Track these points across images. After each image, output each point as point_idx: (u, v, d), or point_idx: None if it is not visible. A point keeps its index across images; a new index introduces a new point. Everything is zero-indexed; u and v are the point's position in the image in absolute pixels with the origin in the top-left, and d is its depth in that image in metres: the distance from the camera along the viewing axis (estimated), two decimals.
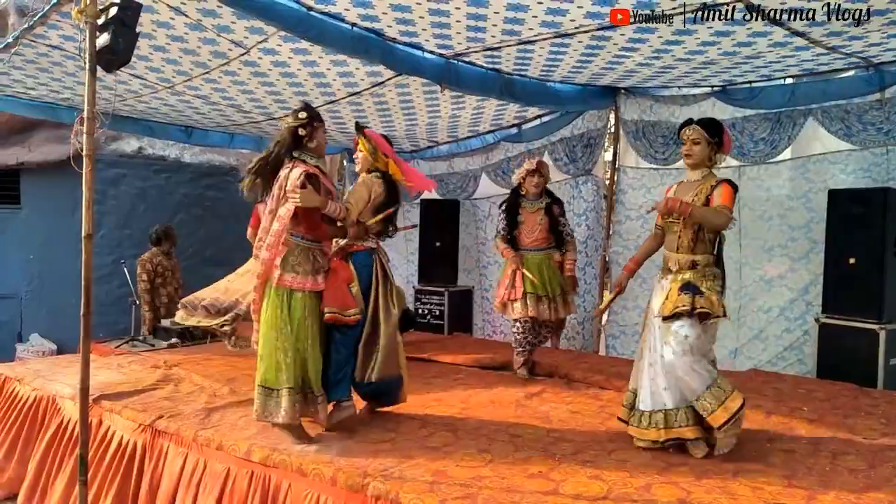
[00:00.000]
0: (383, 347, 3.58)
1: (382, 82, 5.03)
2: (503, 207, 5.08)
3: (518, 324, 4.84)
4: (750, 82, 5.28)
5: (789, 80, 5.16)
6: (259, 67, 4.66)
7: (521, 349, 4.87)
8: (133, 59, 3.44)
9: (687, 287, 3.22)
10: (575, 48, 4.35)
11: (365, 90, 5.24)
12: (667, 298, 3.27)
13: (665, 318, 3.22)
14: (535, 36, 4.13)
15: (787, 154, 5.41)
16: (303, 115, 3.46)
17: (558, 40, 4.19)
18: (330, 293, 3.46)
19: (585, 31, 3.99)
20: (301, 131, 3.44)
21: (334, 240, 3.70)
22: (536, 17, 3.79)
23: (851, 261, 4.62)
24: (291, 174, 3.37)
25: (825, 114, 5.08)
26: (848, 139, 5.03)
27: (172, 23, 3.95)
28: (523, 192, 5.01)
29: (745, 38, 4.01)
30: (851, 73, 4.91)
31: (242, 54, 4.40)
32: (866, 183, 4.93)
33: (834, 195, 4.83)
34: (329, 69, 4.73)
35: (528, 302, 4.77)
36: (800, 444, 3.32)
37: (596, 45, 4.26)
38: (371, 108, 5.78)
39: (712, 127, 3.37)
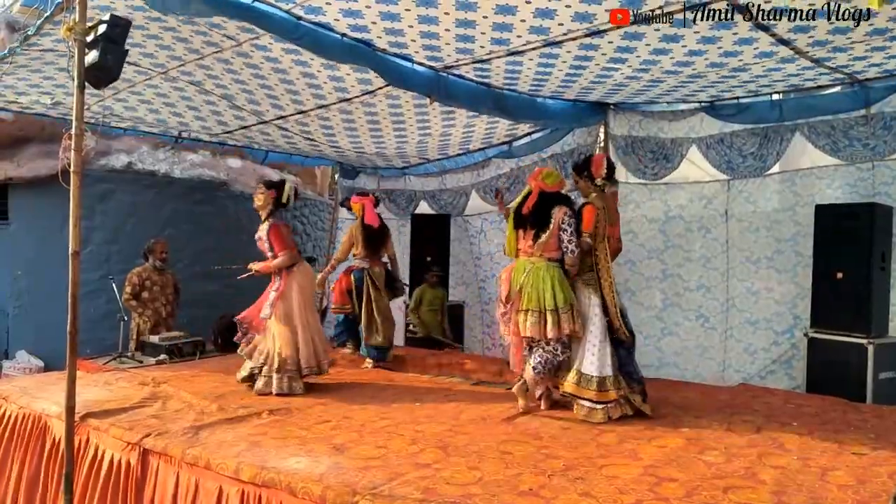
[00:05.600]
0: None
1: (373, 91, 5.03)
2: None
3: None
4: (737, 98, 5.33)
5: (776, 97, 5.22)
6: (251, 59, 4.64)
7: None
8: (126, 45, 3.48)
9: None
10: (563, 59, 4.36)
11: (355, 98, 5.22)
12: None
13: None
14: (524, 45, 4.12)
15: (775, 168, 5.46)
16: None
17: (547, 50, 4.19)
18: None
19: (573, 39, 3.98)
20: None
21: None
22: (525, 21, 3.77)
23: (839, 275, 4.66)
24: None
25: (812, 129, 5.14)
26: (834, 154, 5.08)
27: (164, 18, 3.99)
28: None
29: (731, 48, 4.01)
30: (837, 89, 4.97)
31: (235, 46, 4.41)
32: (852, 198, 4.98)
33: (821, 210, 4.86)
34: (320, 71, 4.73)
35: None
36: (790, 459, 3.32)
37: (584, 55, 4.27)
38: (362, 118, 5.78)
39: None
